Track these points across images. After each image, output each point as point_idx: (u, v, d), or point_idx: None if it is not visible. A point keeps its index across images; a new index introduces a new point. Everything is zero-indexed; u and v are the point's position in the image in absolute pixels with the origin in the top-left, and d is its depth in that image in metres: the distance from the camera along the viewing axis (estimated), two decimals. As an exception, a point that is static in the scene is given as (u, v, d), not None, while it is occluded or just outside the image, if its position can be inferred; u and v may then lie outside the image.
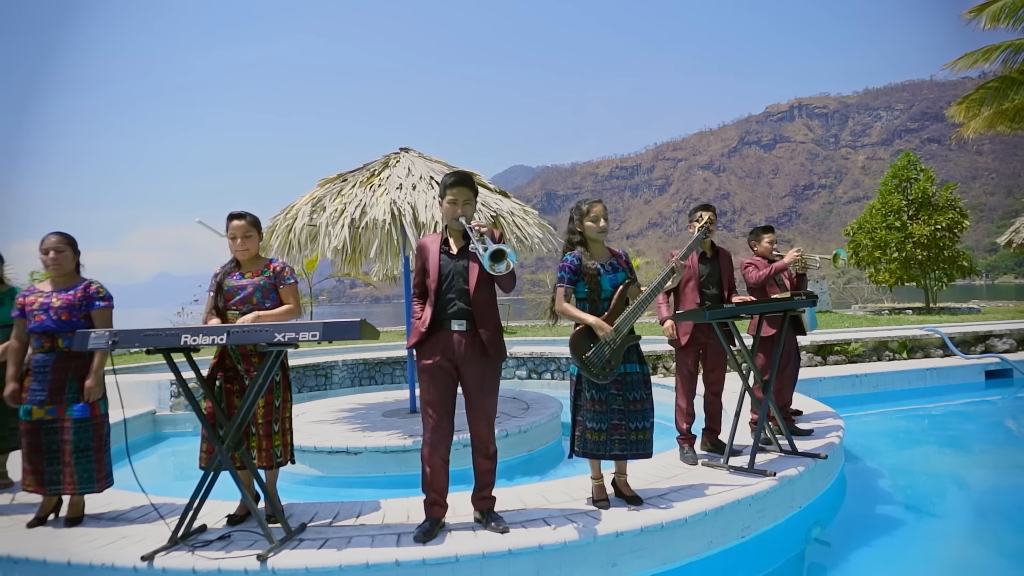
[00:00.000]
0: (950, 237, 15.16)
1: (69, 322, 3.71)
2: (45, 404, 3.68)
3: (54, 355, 3.71)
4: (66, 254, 3.80)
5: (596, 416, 3.54)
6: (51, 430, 3.69)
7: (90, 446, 3.71)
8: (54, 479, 3.68)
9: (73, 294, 3.74)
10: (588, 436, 3.55)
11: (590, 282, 3.56)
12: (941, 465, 5.97)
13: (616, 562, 3.30)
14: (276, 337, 3.10)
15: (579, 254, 3.62)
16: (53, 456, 3.69)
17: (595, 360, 3.47)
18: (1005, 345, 9.63)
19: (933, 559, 3.92)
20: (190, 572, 3.06)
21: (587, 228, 3.64)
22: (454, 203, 3.37)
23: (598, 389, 3.54)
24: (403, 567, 3.05)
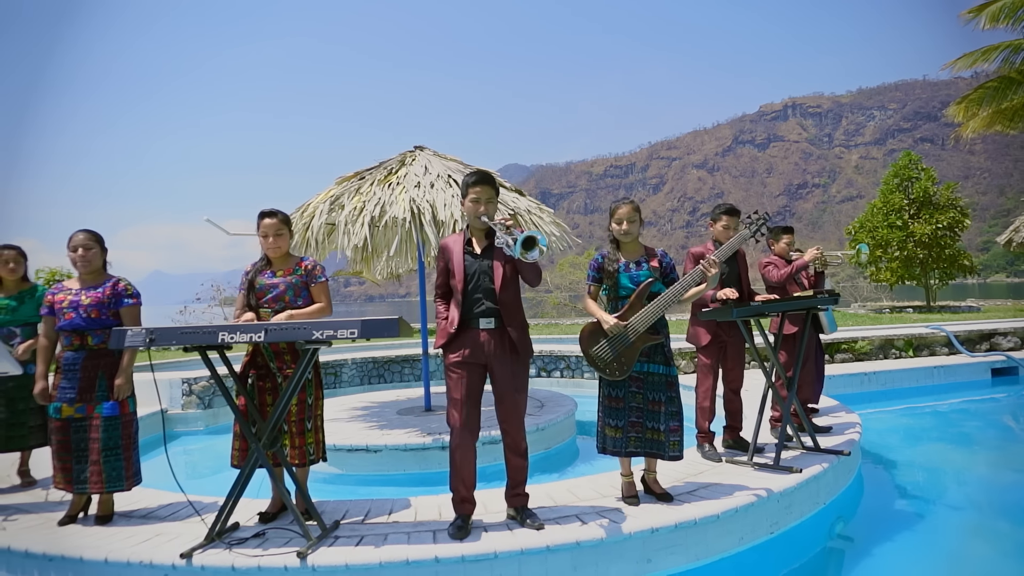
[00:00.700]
0: (951, 236, 15.25)
1: (99, 320, 3.71)
2: (75, 402, 3.67)
3: (84, 353, 3.70)
4: (94, 251, 3.79)
5: (613, 412, 3.59)
6: (80, 428, 3.68)
7: (119, 444, 3.71)
8: (82, 477, 3.68)
9: (102, 292, 3.74)
10: (607, 432, 3.61)
11: (608, 280, 3.63)
12: (954, 461, 6.02)
13: (651, 558, 3.32)
14: (314, 335, 3.10)
15: (605, 253, 3.69)
16: (81, 454, 3.68)
17: (602, 355, 3.51)
18: (1010, 343, 9.70)
19: (953, 553, 3.97)
20: (229, 569, 3.06)
21: (613, 230, 3.70)
22: (477, 201, 3.38)
23: (615, 386, 3.58)
24: (443, 564, 3.06)
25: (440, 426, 5.86)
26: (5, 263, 4.53)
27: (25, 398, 4.53)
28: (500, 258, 3.35)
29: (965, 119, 17.97)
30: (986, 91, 17.52)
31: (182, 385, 7.68)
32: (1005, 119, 17.59)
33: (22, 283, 4.62)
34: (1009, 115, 17.46)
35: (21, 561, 3.38)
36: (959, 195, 15.71)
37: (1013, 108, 17.21)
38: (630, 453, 3.59)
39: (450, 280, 3.42)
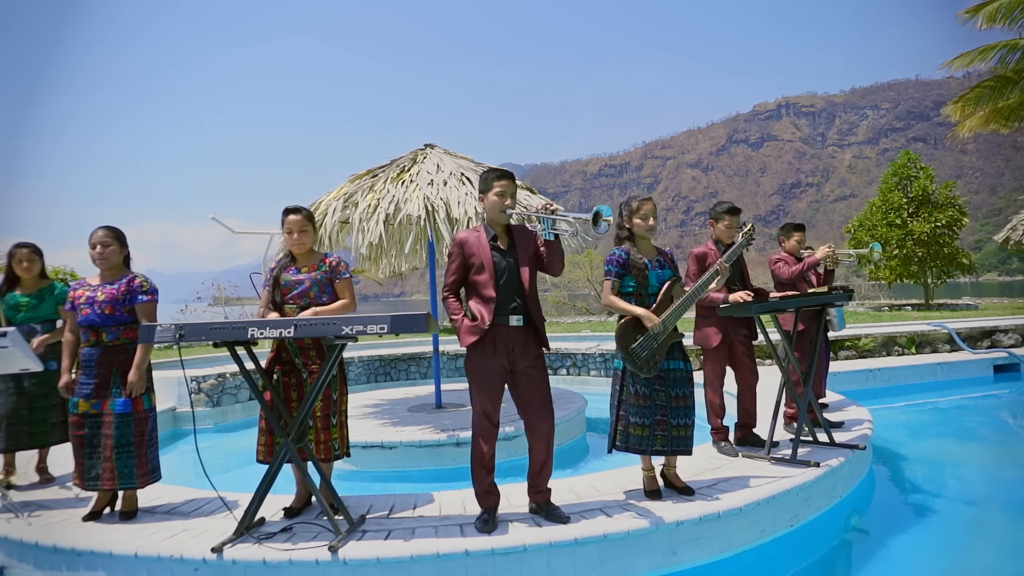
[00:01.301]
0: (949, 234, 15.37)
1: (113, 316, 3.71)
2: (91, 398, 3.68)
3: (99, 349, 3.71)
4: (112, 248, 3.80)
5: (640, 410, 3.58)
6: (95, 424, 3.70)
7: (131, 441, 3.70)
8: (93, 474, 3.68)
9: (117, 288, 3.74)
10: (631, 431, 3.59)
11: (637, 276, 3.60)
12: (961, 457, 6.09)
13: (676, 551, 3.36)
14: (344, 330, 3.12)
15: (627, 249, 3.66)
16: (94, 450, 3.69)
17: (640, 352, 3.51)
18: (1011, 340, 9.78)
19: (965, 546, 4.04)
20: (260, 564, 3.08)
21: (636, 225, 3.68)
22: (502, 195, 3.40)
23: (642, 384, 3.59)
24: (472, 557, 3.09)
25: (452, 423, 5.89)
26: (19, 262, 4.54)
27: (46, 395, 4.54)
28: (524, 253, 3.38)
29: (962, 118, 18.07)
30: (983, 90, 17.63)
31: (190, 383, 7.67)
32: (1001, 118, 17.71)
33: (40, 280, 4.63)
34: (1005, 114, 17.57)
35: (49, 556, 3.40)
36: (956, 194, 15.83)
37: (1009, 107, 17.33)
38: (656, 452, 3.60)
39: (471, 276, 3.41)
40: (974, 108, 17.85)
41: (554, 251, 3.33)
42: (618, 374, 3.69)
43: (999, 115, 17.67)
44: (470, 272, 3.41)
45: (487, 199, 3.42)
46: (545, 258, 3.38)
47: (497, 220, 3.42)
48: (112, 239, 3.80)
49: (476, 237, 3.44)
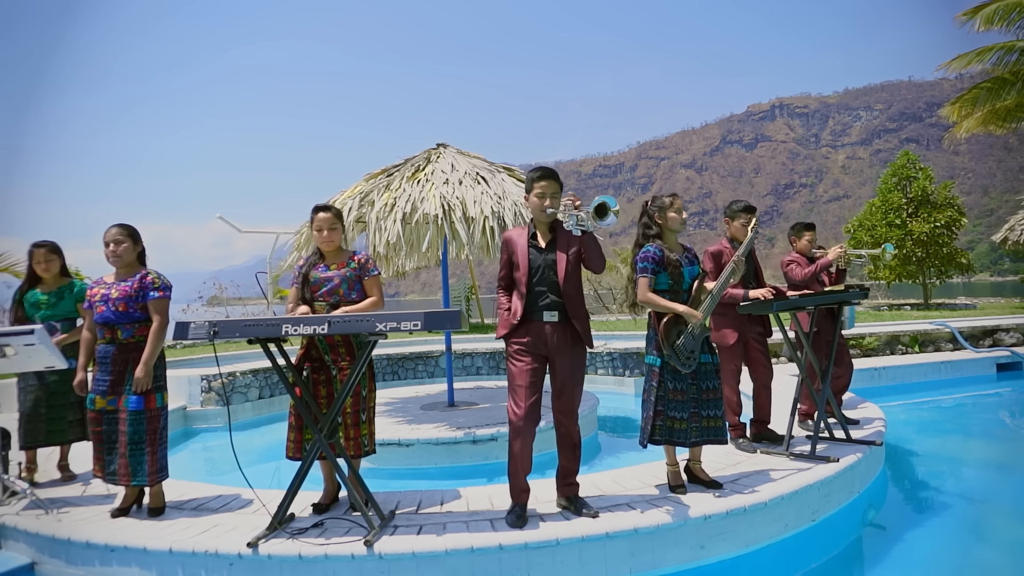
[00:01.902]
0: (948, 235, 15.49)
1: (127, 313, 3.74)
2: (107, 394, 3.71)
3: (114, 346, 3.74)
4: (126, 245, 3.82)
5: (679, 405, 3.64)
6: (111, 420, 3.73)
7: (143, 439, 3.71)
8: (111, 469, 3.72)
9: (130, 285, 3.77)
10: (672, 425, 3.64)
11: (673, 273, 3.65)
12: (969, 453, 6.18)
13: (704, 544, 3.40)
14: (377, 327, 3.16)
15: (661, 246, 3.70)
16: (112, 446, 3.73)
17: (683, 348, 3.56)
18: (1012, 339, 9.87)
19: (980, 539, 4.13)
20: (296, 558, 3.11)
21: (671, 220, 3.72)
22: (542, 196, 3.44)
23: (680, 379, 3.64)
24: (506, 551, 3.13)
25: (467, 420, 5.92)
26: (38, 262, 4.56)
27: (66, 392, 4.56)
28: (564, 251, 3.41)
29: (959, 119, 18.20)
30: (980, 91, 17.76)
31: (201, 382, 7.69)
32: (998, 119, 17.84)
33: (61, 278, 4.64)
34: (1002, 115, 17.71)
35: (81, 552, 3.42)
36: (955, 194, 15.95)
37: (1006, 108, 17.46)
38: (693, 443, 3.67)
39: (514, 273, 3.48)
40: (971, 109, 17.97)
41: (588, 247, 3.36)
42: (655, 371, 3.71)
43: (996, 116, 17.80)
44: (513, 268, 3.47)
45: (530, 199, 3.47)
46: (583, 255, 3.41)
47: (539, 219, 3.47)
48: (125, 236, 3.83)
49: (519, 235, 3.52)
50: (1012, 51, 17.13)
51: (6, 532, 3.73)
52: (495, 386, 8.08)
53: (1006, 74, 17.27)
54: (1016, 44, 17.08)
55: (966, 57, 17.75)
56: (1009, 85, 17.32)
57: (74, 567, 3.45)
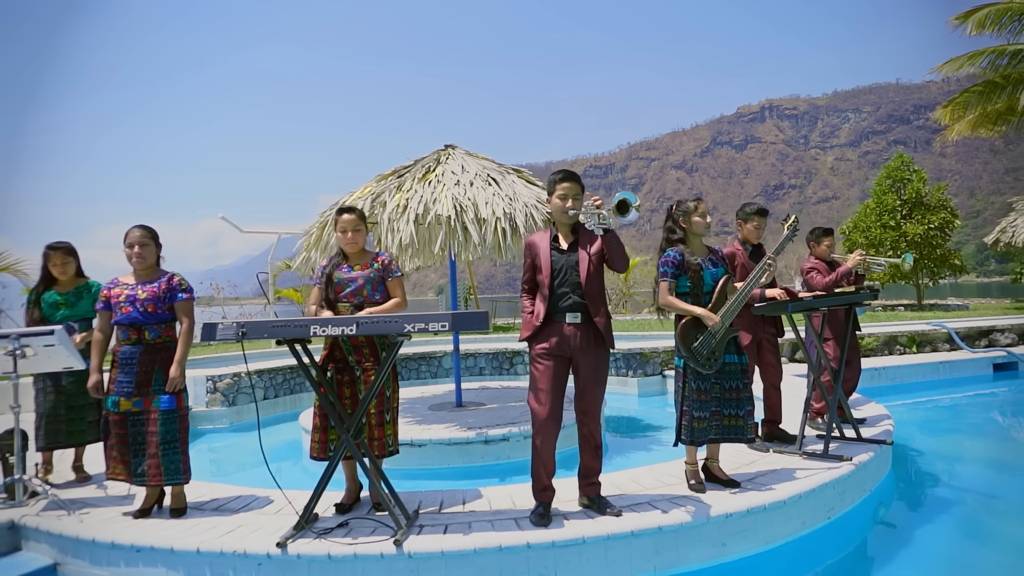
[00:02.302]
0: (942, 236, 15.67)
1: (155, 314, 3.75)
2: (132, 396, 3.71)
3: (141, 347, 3.74)
4: (149, 248, 3.83)
5: (701, 405, 3.69)
6: (137, 422, 3.72)
7: (176, 437, 3.75)
8: (139, 471, 3.72)
9: (158, 286, 3.78)
10: (695, 424, 3.69)
11: (693, 277, 3.70)
12: (971, 451, 6.30)
13: (726, 542, 3.45)
14: (406, 328, 3.18)
15: (682, 250, 3.75)
16: (139, 448, 3.72)
17: (702, 350, 3.61)
18: (1007, 339, 10.01)
19: (989, 534, 4.22)
20: (325, 558, 3.13)
21: (695, 224, 3.78)
22: (564, 198, 3.47)
23: (703, 379, 3.69)
24: (534, 549, 3.16)
25: (477, 421, 5.95)
26: (54, 264, 4.55)
27: (84, 393, 4.54)
28: (586, 251, 3.45)
29: (951, 122, 18.41)
30: (971, 95, 17.97)
31: (206, 383, 7.67)
32: (989, 122, 18.06)
33: (77, 279, 4.64)
34: (993, 118, 17.92)
35: (106, 552, 3.43)
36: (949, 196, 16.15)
37: (997, 111, 17.67)
38: (711, 440, 3.73)
39: (536, 275, 3.51)
40: (963, 112, 18.18)
41: (610, 246, 3.38)
42: (680, 371, 3.77)
43: (987, 119, 18.02)
44: (535, 272, 3.50)
45: (552, 201, 3.50)
46: (605, 254, 3.44)
47: (561, 220, 3.50)
48: (149, 239, 3.84)
49: (541, 237, 3.55)
50: (1003, 55, 17.33)
51: (28, 533, 3.73)
52: (500, 386, 8.11)
53: (997, 78, 17.48)
54: (1007, 48, 17.28)
55: (958, 60, 17.94)
56: (1000, 89, 17.53)
57: (98, 568, 3.45)
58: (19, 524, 3.75)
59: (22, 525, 3.74)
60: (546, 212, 6.07)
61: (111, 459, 3.75)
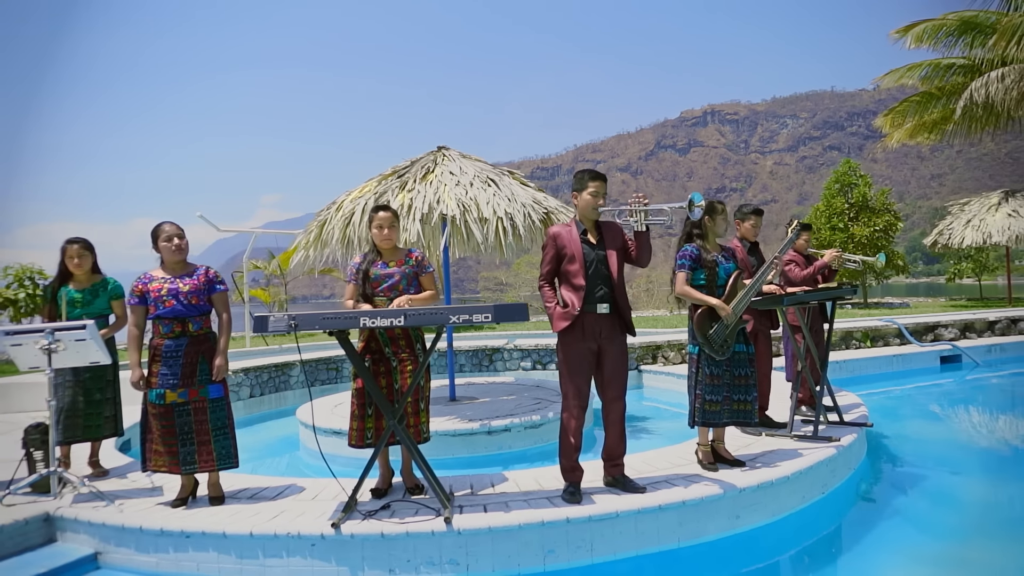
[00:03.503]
0: (886, 238, 16.60)
1: (197, 306, 3.87)
2: (177, 387, 3.81)
3: (185, 339, 3.84)
4: (186, 240, 3.94)
5: (713, 389, 4.01)
6: (184, 412, 3.83)
7: (226, 424, 3.91)
8: (189, 459, 3.83)
9: (197, 279, 3.89)
10: (707, 407, 4.02)
11: (709, 271, 4.02)
12: (930, 433, 6.92)
13: (739, 515, 3.77)
14: (452, 319, 3.39)
15: (699, 246, 4.07)
16: (187, 437, 3.83)
17: (716, 337, 3.93)
18: (951, 334, 10.76)
19: (954, 501, 4.76)
20: (379, 537, 3.32)
21: (719, 224, 4.12)
22: (596, 195, 3.72)
23: (715, 365, 4.02)
24: (572, 524, 3.42)
25: (475, 413, 6.15)
26: (71, 258, 4.56)
27: (100, 388, 4.60)
28: (613, 247, 3.71)
29: (891, 129, 19.48)
30: (910, 104, 19.05)
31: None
32: (925, 131, 19.18)
33: (93, 275, 4.66)
34: (929, 127, 19.04)
35: (154, 540, 3.53)
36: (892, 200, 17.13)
37: (933, 121, 18.79)
38: (724, 423, 4.05)
39: (564, 267, 3.73)
40: (902, 120, 19.27)
41: (643, 243, 3.66)
42: (694, 358, 4.09)
43: (924, 128, 19.12)
44: (562, 263, 3.73)
45: (581, 197, 3.73)
46: (633, 251, 3.71)
47: (589, 216, 3.74)
48: (184, 234, 3.94)
49: (568, 231, 3.76)
50: (938, 68, 18.46)
51: (64, 524, 3.77)
52: (485, 382, 8.33)
53: (933, 89, 18.61)
54: (941, 62, 18.42)
55: (898, 72, 19.03)
56: (935, 99, 18.66)
57: (144, 554, 3.54)
58: (54, 516, 3.79)
59: (58, 516, 3.78)
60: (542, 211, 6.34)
61: (152, 452, 3.83)
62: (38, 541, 3.75)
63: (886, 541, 3.94)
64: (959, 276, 19.76)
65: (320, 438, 6.10)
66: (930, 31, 17.93)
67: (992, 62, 16.18)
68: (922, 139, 19.59)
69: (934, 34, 17.98)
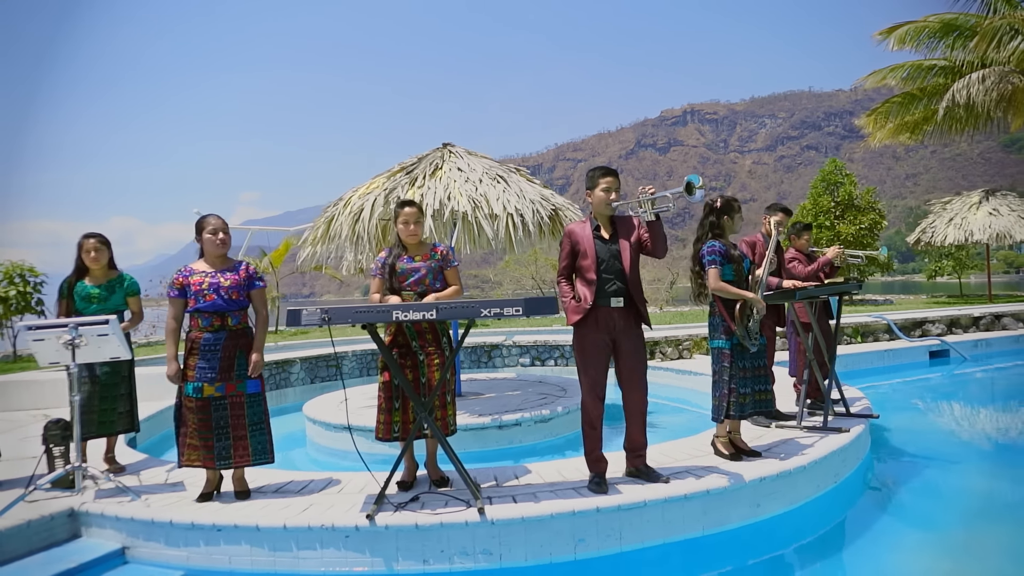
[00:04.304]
0: (871, 236, 16.91)
1: (237, 301, 3.89)
2: (215, 381, 3.82)
3: (224, 333, 3.86)
4: (229, 235, 3.96)
5: (744, 381, 4.13)
6: (220, 406, 3.84)
7: (263, 419, 3.94)
8: (224, 454, 3.84)
9: (238, 274, 3.91)
10: (741, 400, 4.12)
11: (737, 266, 4.12)
12: (927, 425, 7.09)
13: (760, 503, 3.86)
14: (483, 312, 3.43)
15: (724, 241, 4.17)
16: (222, 432, 3.84)
17: (753, 329, 4.05)
18: (938, 329, 11.00)
19: (956, 489, 4.89)
20: (413, 528, 3.36)
21: (738, 221, 4.22)
22: (608, 191, 3.79)
23: (743, 358, 4.13)
24: (602, 513, 3.49)
25: (483, 408, 6.20)
26: (87, 252, 4.54)
27: (117, 384, 4.59)
28: (627, 242, 3.78)
29: (874, 130, 19.81)
30: (892, 105, 19.39)
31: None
32: (907, 131, 19.53)
33: (109, 271, 4.64)
34: (910, 127, 19.39)
35: (184, 533, 3.54)
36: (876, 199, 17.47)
37: (914, 121, 19.15)
38: (750, 414, 4.15)
39: (578, 262, 3.80)
40: (885, 121, 19.60)
41: (656, 233, 3.73)
42: (726, 353, 4.16)
43: (905, 128, 19.47)
44: (577, 258, 3.79)
45: (594, 195, 3.80)
46: (648, 243, 3.77)
47: (602, 212, 3.81)
48: (227, 229, 3.96)
49: (582, 228, 3.84)
50: (920, 69, 18.81)
51: (90, 519, 3.77)
52: (487, 378, 8.37)
53: (914, 90, 18.96)
54: (923, 63, 18.77)
55: (880, 72, 19.36)
56: (917, 100, 19.01)
57: (174, 548, 3.55)
58: (79, 511, 3.79)
59: (83, 512, 3.78)
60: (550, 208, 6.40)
61: (187, 447, 3.84)
62: (63, 537, 3.75)
63: (896, 527, 4.07)
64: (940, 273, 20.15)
65: (329, 434, 6.16)
66: (912, 33, 18.25)
67: (972, 64, 16.54)
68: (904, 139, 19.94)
69: (917, 36, 18.30)
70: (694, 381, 8.18)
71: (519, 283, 22.57)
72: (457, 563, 3.36)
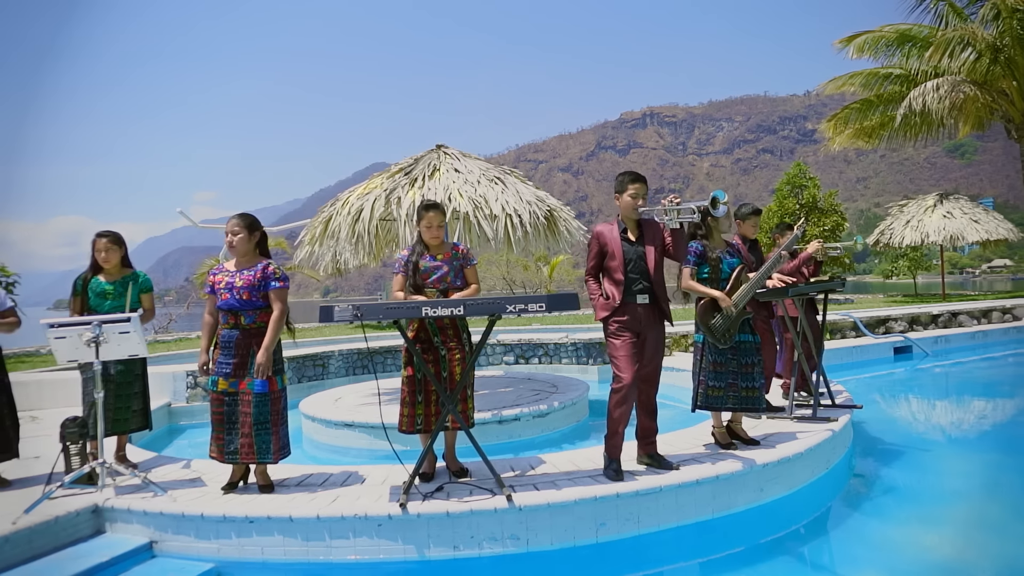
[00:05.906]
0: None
1: (250, 301, 3.96)
2: (229, 377, 3.92)
3: (238, 331, 3.94)
4: (241, 236, 4.02)
5: (716, 375, 4.33)
6: (232, 401, 3.93)
7: (268, 419, 3.97)
8: (231, 448, 3.93)
9: (253, 274, 3.98)
10: (709, 392, 4.33)
11: (712, 266, 4.34)
12: (898, 415, 7.50)
13: (763, 488, 4.10)
14: (508, 308, 3.60)
15: (703, 243, 4.38)
16: (232, 427, 3.93)
17: (718, 327, 4.25)
18: (901, 327, 11.53)
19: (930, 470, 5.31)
20: (444, 515, 3.50)
21: (722, 223, 4.44)
22: (636, 196, 4.00)
23: (718, 353, 4.33)
24: (622, 498, 3.68)
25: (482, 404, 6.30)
26: (99, 251, 4.56)
27: (130, 382, 4.62)
28: (652, 244, 3.99)
29: (834, 134, 20.53)
30: (851, 111, 20.13)
31: (187, 378, 7.59)
32: (865, 136, 20.29)
33: (123, 268, 4.66)
34: (868, 132, 20.15)
35: (215, 526, 3.61)
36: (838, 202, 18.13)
37: (872, 127, 19.90)
38: (727, 408, 4.37)
39: (606, 262, 4.00)
40: (844, 126, 20.32)
41: (678, 240, 3.97)
42: (699, 346, 4.40)
43: (863, 133, 20.22)
44: (604, 259, 3.99)
45: (622, 199, 4.00)
46: (671, 247, 4.00)
47: (629, 216, 4.01)
48: (242, 228, 4.02)
49: (610, 230, 4.03)
50: (876, 76, 19.57)
51: (115, 515, 3.80)
52: (479, 375, 8.50)
53: (872, 96, 19.72)
54: (880, 71, 19.53)
55: (840, 79, 20.09)
56: (874, 107, 19.77)
57: (205, 541, 3.62)
58: (103, 507, 3.82)
59: (107, 508, 3.81)
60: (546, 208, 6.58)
61: (212, 439, 3.92)
62: (88, 532, 3.78)
63: (881, 505, 4.41)
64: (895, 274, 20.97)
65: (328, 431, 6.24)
66: (871, 42, 18.98)
67: (927, 73, 17.29)
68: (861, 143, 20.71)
69: (874, 45, 19.04)
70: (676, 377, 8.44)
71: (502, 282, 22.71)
72: (486, 548, 3.51)
